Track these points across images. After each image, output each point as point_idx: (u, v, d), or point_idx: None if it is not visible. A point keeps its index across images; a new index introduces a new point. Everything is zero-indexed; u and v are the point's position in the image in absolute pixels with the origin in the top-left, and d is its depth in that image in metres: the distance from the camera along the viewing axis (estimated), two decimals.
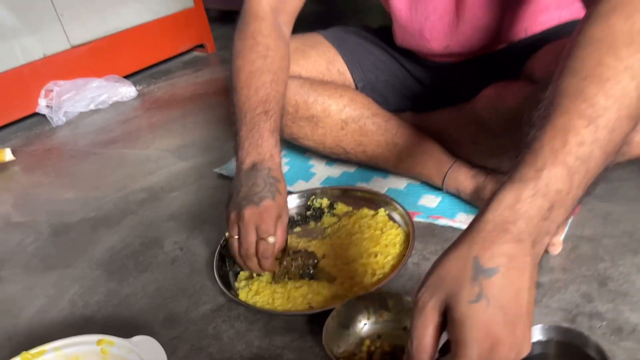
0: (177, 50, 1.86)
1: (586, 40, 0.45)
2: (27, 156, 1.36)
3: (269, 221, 0.66)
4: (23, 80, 1.51)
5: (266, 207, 0.67)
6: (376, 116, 0.90)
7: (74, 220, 1.03)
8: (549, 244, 0.67)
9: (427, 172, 0.86)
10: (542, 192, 0.40)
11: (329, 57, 0.99)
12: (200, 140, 1.26)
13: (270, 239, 0.66)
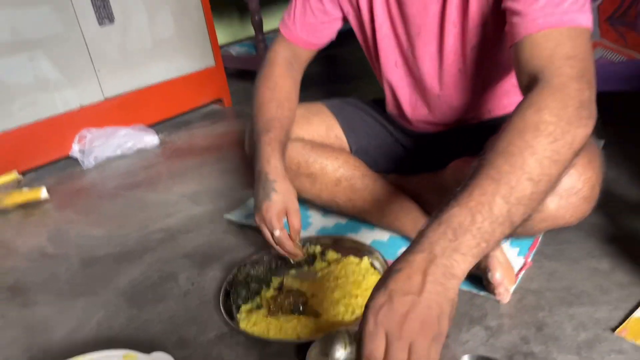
0: (198, 103, 2.06)
1: (508, 127, 0.62)
2: (60, 195, 1.53)
3: (271, 219, 0.88)
4: (61, 127, 1.70)
5: (266, 208, 0.88)
6: (365, 176, 1.06)
7: (101, 254, 1.19)
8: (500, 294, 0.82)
9: (405, 227, 1.01)
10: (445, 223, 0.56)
11: (329, 124, 1.17)
12: (214, 187, 1.42)
13: (275, 232, 0.88)
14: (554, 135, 0.60)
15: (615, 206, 1.04)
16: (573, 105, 0.62)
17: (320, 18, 1.03)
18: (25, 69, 1.60)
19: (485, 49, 0.91)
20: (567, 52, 0.67)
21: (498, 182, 0.57)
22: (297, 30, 1.04)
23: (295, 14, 1.04)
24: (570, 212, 0.76)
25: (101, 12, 1.71)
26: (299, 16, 1.04)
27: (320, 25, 1.04)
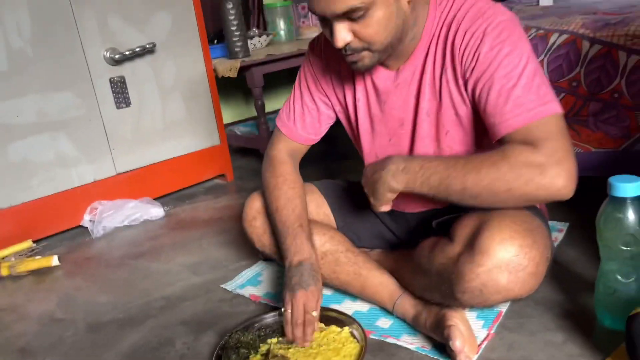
0: (202, 178, 2.21)
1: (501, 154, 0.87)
2: (70, 263, 1.65)
3: (313, 300, 1.01)
4: (74, 199, 1.84)
5: (312, 290, 1.01)
6: (349, 251, 1.17)
7: (106, 319, 1.29)
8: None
9: (382, 299, 1.12)
10: None
11: (318, 203, 1.30)
12: (212, 259, 1.54)
13: (314, 313, 1.00)
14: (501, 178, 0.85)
15: (573, 284, 1.16)
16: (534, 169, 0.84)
17: (316, 117, 1.20)
18: (47, 148, 1.77)
19: (457, 135, 1.05)
20: (544, 135, 0.86)
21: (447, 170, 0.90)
22: (298, 130, 1.20)
23: (294, 116, 1.20)
24: (519, 285, 0.87)
25: (119, 98, 1.91)
26: (298, 117, 1.20)
27: (316, 124, 1.21)
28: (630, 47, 1.20)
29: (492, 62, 0.91)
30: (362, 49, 0.94)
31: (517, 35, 0.92)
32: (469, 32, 0.94)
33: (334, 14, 0.88)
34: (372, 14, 0.89)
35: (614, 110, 1.25)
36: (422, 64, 1.02)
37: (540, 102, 0.88)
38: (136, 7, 1.90)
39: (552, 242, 0.98)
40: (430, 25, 1.00)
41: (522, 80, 0.89)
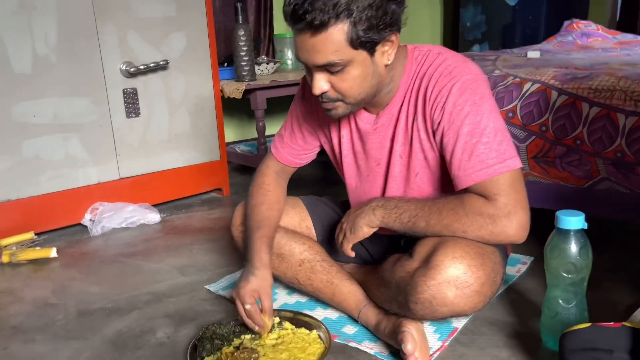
0: (199, 190, 2.33)
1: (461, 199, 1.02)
2: (68, 256, 1.75)
3: (245, 295, 1.11)
4: (78, 198, 1.96)
5: (242, 286, 1.12)
6: (324, 261, 1.28)
7: (95, 307, 1.39)
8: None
9: (349, 307, 1.22)
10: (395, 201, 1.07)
11: (302, 216, 1.41)
12: (200, 262, 1.65)
13: (246, 306, 1.10)
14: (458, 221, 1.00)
15: (527, 309, 1.26)
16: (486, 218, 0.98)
17: (302, 146, 1.32)
18: (58, 148, 1.90)
19: (426, 177, 1.16)
20: (502, 189, 0.99)
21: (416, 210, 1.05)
22: (285, 154, 1.33)
23: (283, 140, 1.33)
24: (464, 301, 0.98)
25: (130, 108, 2.04)
26: (287, 143, 1.33)
27: (302, 151, 1.33)
28: (592, 99, 1.33)
29: (456, 119, 1.03)
30: (337, 100, 1.05)
31: (480, 94, 1.03)
32: (437, 88, 1.05)
33: (314, 64, 0.99)
34: (349, 71, 1.00)
35: (576, 154, 1.37)
36: (397, 111, 1.14)
37: (499, 160, 1.00)
38: (155, 27, 2.06)
39: (503, 268, 1.09)
40: (406, 78, 1.11)
41: (483, 138, 1.01)
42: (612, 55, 2.09)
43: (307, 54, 0.99)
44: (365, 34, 0.95)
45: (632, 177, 1.31)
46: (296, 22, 0.96)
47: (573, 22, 2.76)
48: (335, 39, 0.95)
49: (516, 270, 1.47)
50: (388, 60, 1.04)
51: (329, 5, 0.92)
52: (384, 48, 1.01)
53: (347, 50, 0.96)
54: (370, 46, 0.99)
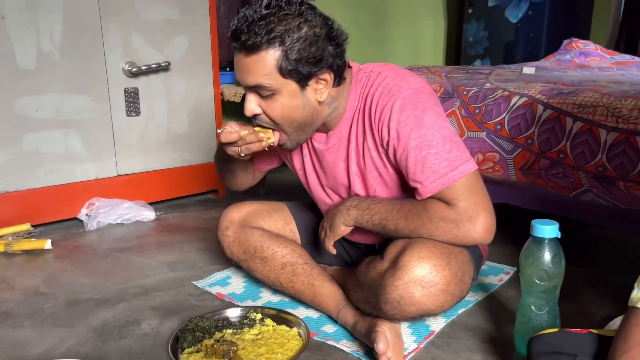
0: (195, 190, 2.37)
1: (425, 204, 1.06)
2: (61, 248, 1.79)
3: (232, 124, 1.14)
4: (75, 192, 2.00)
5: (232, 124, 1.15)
6: (306, 264, 1.31)
7: (84, 298, 1.42)
8: None
9: (329, 308, 1.25)
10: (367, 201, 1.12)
11: (286, 220, 1.44)
12: (190, 260, 1.68)
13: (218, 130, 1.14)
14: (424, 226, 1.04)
15: (504, 317, 1.28)
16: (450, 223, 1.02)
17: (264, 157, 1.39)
18: (58, 143, 1.95)
19: (384, 192, 1.19)
20: (460, 194, 1.03)
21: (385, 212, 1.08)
22: None
23: None
24: (430, 300, 1.00)
25: (131, 107, 2.09)
26: None
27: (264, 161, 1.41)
28: (576, 114, 1.36)
29: (402, 136, 1.06)
30: (272, 126, 1.10)
31: (421, 107, 1.06)
32: (379, 108, 1.09)
33: (246, 84, 1.05)
34: (277, 99, 1.05)
35: (560, 167, 1.40)
36: (347, 132, 1.18)
37: (450, 168, 1.03)
38: (158, 29, 2.11)
39: (472, 267, 1.12)
40: (353, 99, 1.15)
41: (432, 149, 1.04)
42: (606, 74, 2.12)
43: (241, 73, 1.04)
44: (295, 65, 1.01)
45: (614, 190, 1.34)
46: (234, 41, 1.02)
47: (572, 41, 2.80)
48: (266, 63, 1.00)
49: (498, 279, 1.49)
50: (321, 98, 1.08)
51: (264, 31, 0.98)
52: (317, 85, 1.06)
53: (276, 76, 1.02)
54: (300, 78, 1.03)
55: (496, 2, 3.52)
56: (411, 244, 1.03)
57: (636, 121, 1.25)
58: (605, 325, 1.19)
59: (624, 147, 1.27)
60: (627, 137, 1.26)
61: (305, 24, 1.01)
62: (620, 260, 1.66)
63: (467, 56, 3.76)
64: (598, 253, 1.70)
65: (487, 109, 1.55)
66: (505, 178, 1.54)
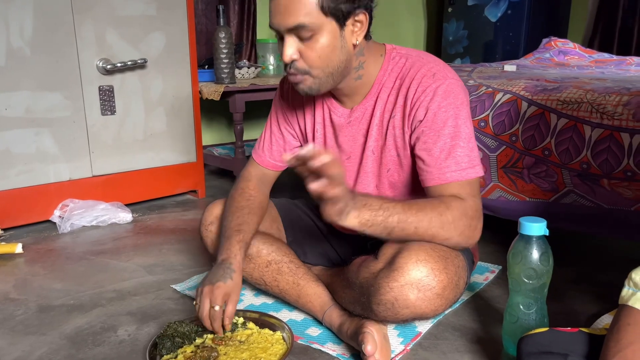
0: (174, 191, 2.31)
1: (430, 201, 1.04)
2: (33, 252, 1.72)
3: (218, 295, 1.06)
4: (48, 194, 1.93)
5: (218, 286, 1.06)
6: (292, 262, 1.27)
7: (56, 303, 1.36)
8: None
9: (314, 309, 1.22)
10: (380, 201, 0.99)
11: (273, 217, 1.40)
12: (168, 263, 1.63)
13: (215, 307, 1.05)
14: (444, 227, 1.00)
15: (491, 316, 1.27)
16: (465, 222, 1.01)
17: (282, 146, 1.32)
18: (29, 142, 1.87)
19: (397, 173, 1.18)
20: (468, 192, 1.04)
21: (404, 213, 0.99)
22: (266, 156, 1.32)
23: (264, 144, 1.33)
24: (425, 303, 0.98)
25: (106, 105, 2.03)
26: (267, 145, 1.33)
27: (282, 152, 1.32)
28: (560, 110, 1.35)
29: (438, 120, 1.06)
30: (304, 72, 1.06)
31: (461, 100, 1.08)
32: (420, 88, 1.08)
33: (285, 27, 1.02)
34: (318, 39, 1.02)
35: (544, 165, 1.39)
36: (372, 107, 1.16)
37: (470, 164, 1.06)
38: (134, 25, 2.05)
39: (466, 273, 1.10)
40: (382, 75, 1.14)
41: (461, 142, 1.06)
42: (586, 72, 2.13)
43: (280, 16, 1.02)
44: (335, 1, 1.00)
45: (597, 189, 1.34)
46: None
47: (551, 40, 2.82)
48: (308, 1, 0.99)
49: (484, 278, 1.48)
50: (356, 40, 1.06)
51: None
52: (353, 27, 1.05)
53: (317, 15, 1.00)
54: (340, 17, 1.02)
55: (475, 1, 3.53)
56: (408, 245, 1.01)
57: (621, 117, 1.24)
58: (592, 324, 1.18)
59: (608, 143, 1.26)
60: (612, 133, 1.25)
61: None
62: (603, 258, 1.66)
63: (448, 55, 3.76)
64: (580, 251, 1.70)
65: (471, 106, 1.53)
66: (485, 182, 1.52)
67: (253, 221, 1.23)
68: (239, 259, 1.14)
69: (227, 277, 1.09)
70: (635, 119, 1.23)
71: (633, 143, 1.22)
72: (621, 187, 1.27)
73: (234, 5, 2.92)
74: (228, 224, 1.21)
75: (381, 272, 1.02)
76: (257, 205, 1.28)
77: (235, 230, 1.18)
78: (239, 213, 1.22)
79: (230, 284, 1.09)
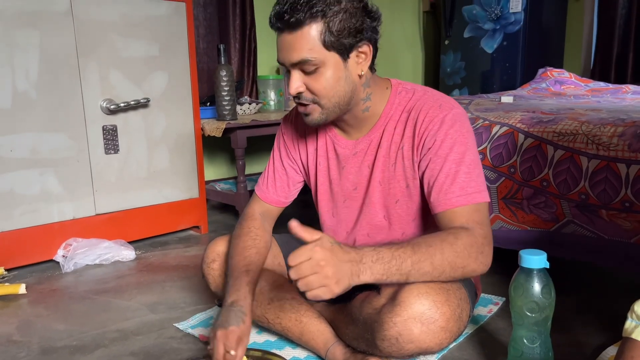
0: (177, 227, 2.32)
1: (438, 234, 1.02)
2: (36, 292, 1.72)
3: (232, 340, 1.04)
4: (51, 234, 1.94)
5: (232, 330, 1.05)
6: (293, 299, 1.27)
7: (59, 345, 1.35)
8: None
9: (317, 346, 1.21)
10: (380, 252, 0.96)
11: (275, 253, 1.41)
12: (171, 301, 1.62)
13: (231, 352, 1.04)
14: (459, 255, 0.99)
15: (494, 349, 1.26)
16: (477, 248, 1.01)
17: (286, 182, 1.34)
18: (34, 182, 1.89)
19: (406, 205, 1.19)
20: (476, 219, 1.05)
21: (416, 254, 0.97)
22: (270, 193, 1.34)
23: (267, 180, 1.35)
24: (430, 337, 0.98)
25: (109, 144, 2.06)
26: (270, 182, 1.35)
27: (286, 187, 1.34)
28: (556, 142, 1.37)
29: (445, 147, 1.09)
30: (313, 101, 1.10)
31: (467, 128, 1.11)
32: (428, 118, 1.11)
33: (290, 62, 1.06)
34: (322, 72, 1.06)
35: (543, 196, 1.40)
36: (378, 138, 1.19)
37: (477, 189, 1.07)
38: (137, 65, 2.10)
39: (469, 305, 1.10)
40: (389, 108, 1.17)
41: (465, 168, 1.08)
42: (582, 101, 2.16)
43: (285, 52, 1.06)
44: (337, 37, 1.03)
45: (596, 220, 1.34)
46: (277, 22, 1.05)
47: (547, 70, 2.87)
48: (310, 37, 1.03)
49: (487, 310, 1.47)
50: (361, 71, 1.10)
51: (306, 7, 1.01)
52: (357, 59, 1.09)
53: (320, 49, 1.04)
54: (343, 50, 1.05)
55: (471, 34, 3.60)
56: None
57: (616, 148, 1.26)
58: (598, 355, 1.17)
59: (605, 174, 1.27)
60: (609, 164, 1.26)
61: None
62: (606, 286, 1.65)
63: (446, 86, 3.81)
64: (583, 279, 1.69)
65: None
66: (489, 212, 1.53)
67: (260, 261, 1.24)
68: (249, 301, 1.13)
69: (239, 321, 1.08)
70: (631, 150, 1.24)
71: (630, 173, 1.24)
72: (620, 219, 1.28)
73: (234, 43, 2.99)
74: (236, 264, 1.20)
75: (384, 308, 1.02)
76: (264, 245, 1.28)
77: (244, 271, 1.18)
78: (246, 253, 1.23)
79: (243, 328, 1.07)
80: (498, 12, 3.42)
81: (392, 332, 0.98)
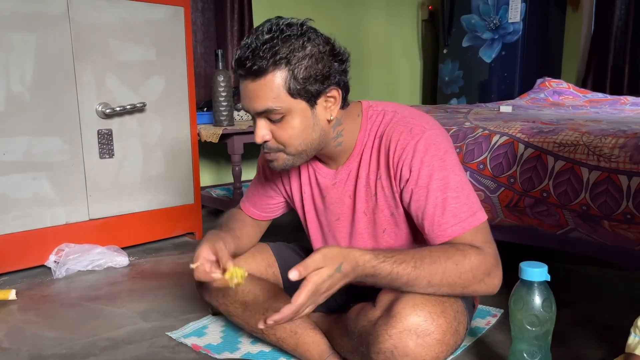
0: (171, 234, 2.29)
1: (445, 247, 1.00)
2: (27, 298, 1.69)
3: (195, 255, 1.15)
4: (44, 238, 1.91)
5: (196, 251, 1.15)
6: None
7: (48, 353, 1.32)
8: None
9: (312, 357, 1.18)
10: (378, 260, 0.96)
11: (269, 262, 1.39)
12: (165, 308, 1.59)
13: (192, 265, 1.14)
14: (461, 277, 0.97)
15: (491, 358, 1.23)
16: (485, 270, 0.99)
17: (266, 201, 1.35)
18: (27, 186, 1.87)
19: (394, 233, 1.16)
20: (481, 239, 1.02)
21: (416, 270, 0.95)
22: (251, 208, 1.37)
23: (251, 197, 1.37)
24: (425, 350, 0.95)
25: (104, 148, 2.03)
26: (252, 199, 1.37)
27: (266, 206, 1.36)
28: (557, 153, 1.35)
29: (424, 176, 1.04)
30: (278, 150, 1.07)
31: (444, 149, 1.05)
32: (399, 147, 1.06)
33: (255, 111, 1.02)
34: (288, 120, 1.02)
35: (544, 206, 1.38)
36: (356, 168, 1.15)
37: (471, 212, 1.03)
38: (134, 70, 2.08)
39: (466, 318, 1.08)
40: (362, 136, 1.13)
41: (452, 192, 1.03)
42: (581, 112, 2.16)
43: (249, 100, 1.02)
44: (303, 84, 0.99)
45: (599, 229, 1.33)
46: (239, 69, 1.00)
47: (545, 80, 2.87)
48: (274, 85, 0.98)
49: (485, 322, 1.45)
50: (330, 116, 1.05)
51: (269, 54, 0.96)
52: (325, 103, 1.04)
53: (285, 98, 0.99)
54: (310, 97, 1.01)
55: (470, 43, 3.60)
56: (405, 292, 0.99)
57: (617, 159, 1.25)
58: None
59: (606, 185, 1.26)
60: (610, 175, 1.25)
61: (309, 43, 0.99)
62: (606, 298, 1.63)
63: (444, 95, 3.81)
64: (583, 291, 1.67)
65: (468, 149, 1.54)
66: (493, 216, 1.52)
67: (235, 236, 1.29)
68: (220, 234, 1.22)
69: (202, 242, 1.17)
70: (632, 162, 1.23)
71: (631, 185, 1.22)
72: (622, 230, 1.26)
73: (232, 49, 2.98)
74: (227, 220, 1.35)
75: (379, 320, 1.00)
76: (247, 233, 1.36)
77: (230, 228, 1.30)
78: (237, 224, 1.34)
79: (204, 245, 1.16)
80: (497, 22, 3.43)
81: (387, 345, 0.96)
